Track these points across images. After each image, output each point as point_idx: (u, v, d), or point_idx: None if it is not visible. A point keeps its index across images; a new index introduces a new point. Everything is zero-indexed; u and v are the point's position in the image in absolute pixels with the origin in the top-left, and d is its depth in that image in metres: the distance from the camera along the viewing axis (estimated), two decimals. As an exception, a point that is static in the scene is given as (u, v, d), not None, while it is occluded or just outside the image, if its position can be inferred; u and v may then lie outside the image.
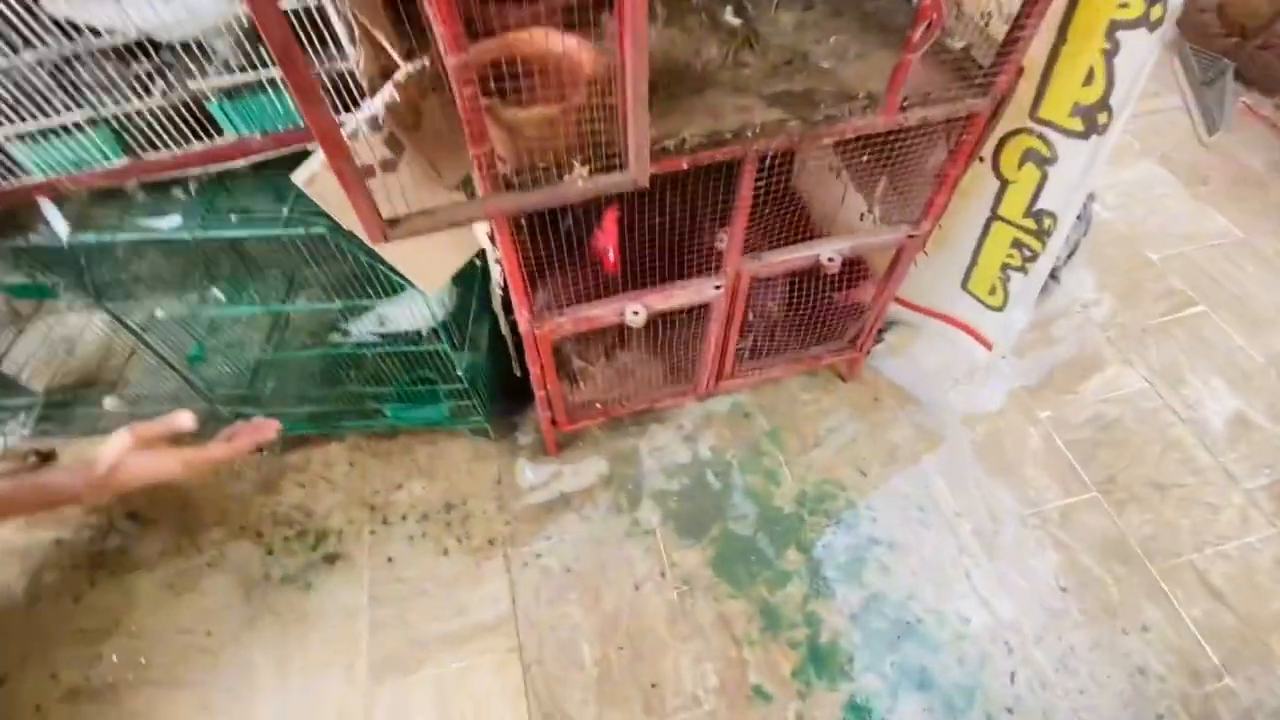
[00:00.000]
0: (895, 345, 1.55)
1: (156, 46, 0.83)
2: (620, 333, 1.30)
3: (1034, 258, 1.13)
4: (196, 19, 0.81)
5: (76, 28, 0.79)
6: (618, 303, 1.00)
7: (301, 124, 0.86)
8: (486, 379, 1.36)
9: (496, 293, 1.13)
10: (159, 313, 1.03)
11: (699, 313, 1.13)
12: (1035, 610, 1.21)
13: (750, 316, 1.21)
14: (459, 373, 1.20)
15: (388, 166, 0.81)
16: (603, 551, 1.28)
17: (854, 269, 1.25)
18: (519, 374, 1.31)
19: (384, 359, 1.25)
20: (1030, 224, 1.11)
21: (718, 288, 1.04)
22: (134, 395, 1.40)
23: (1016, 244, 1.15)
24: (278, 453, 1.43)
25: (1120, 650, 1.16)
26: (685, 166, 0.80)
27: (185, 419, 0.70)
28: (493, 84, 0.70)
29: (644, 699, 1.12)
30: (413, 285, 0.95)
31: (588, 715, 1.11)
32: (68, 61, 0.80)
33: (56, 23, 0.78)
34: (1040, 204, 1.08)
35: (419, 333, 1.19)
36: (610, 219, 1.02)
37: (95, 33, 0.78)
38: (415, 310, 1.20)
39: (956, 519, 1.32)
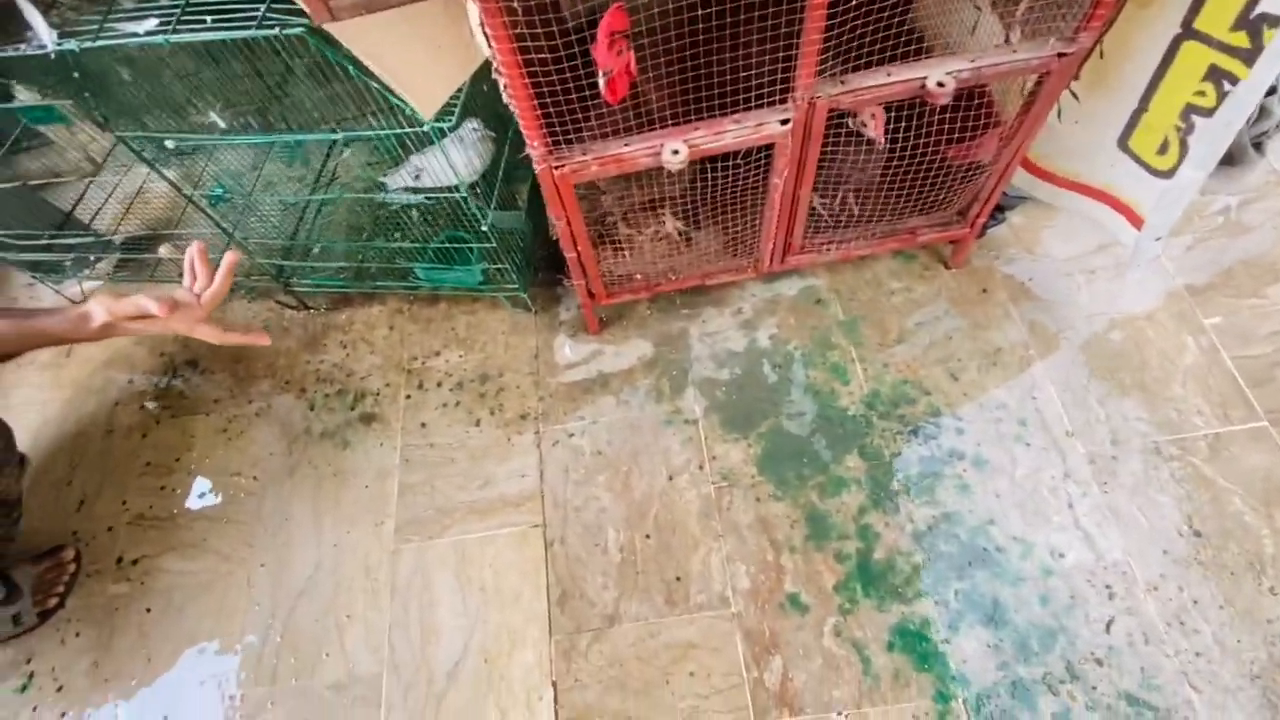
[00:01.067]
0: (1018, 227, 1.26)
1: None
2: (663, 187, 1.11)
3: (1232, 93, 0.81)
4: None
5: None
6: (654, 139, 0.82)
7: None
8: (524, 242, 1.24)
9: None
10: (168, 143, 0.97)
11: (761, 160, 0.92)
12: (1152, 553, 0.99)
13: (828, 169, 0.98)
14: (485, 229, 1.07)
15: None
16: (637, 437, 1.17)
17: (974, 111, 0.97)
18: (555, 237, 1.17)
19: (409, 212, 1.15)
20: (1240, 40, 0.78)
21: (784, 122, 0.82)
22: (187, 243, 1.41)
23: (1213, 73, 0.82)
24: (323, 310, 1.41)
25: (1260, 613, 0.94)
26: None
27: (150, 305, 0.77)
28: None
29: (667, 591, 1.04)
30: (407, 106, 0.81)
31: (606, 599, 1.05)
32: None
33: None
34: (1262, 6, 0.75)
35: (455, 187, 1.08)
36: (605, 26, 0.70)
37: None
38: (457, 159, 1.08)
39: (1067, 439, 1.09)
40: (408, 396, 1.28)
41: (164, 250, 1.37)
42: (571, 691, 0.99)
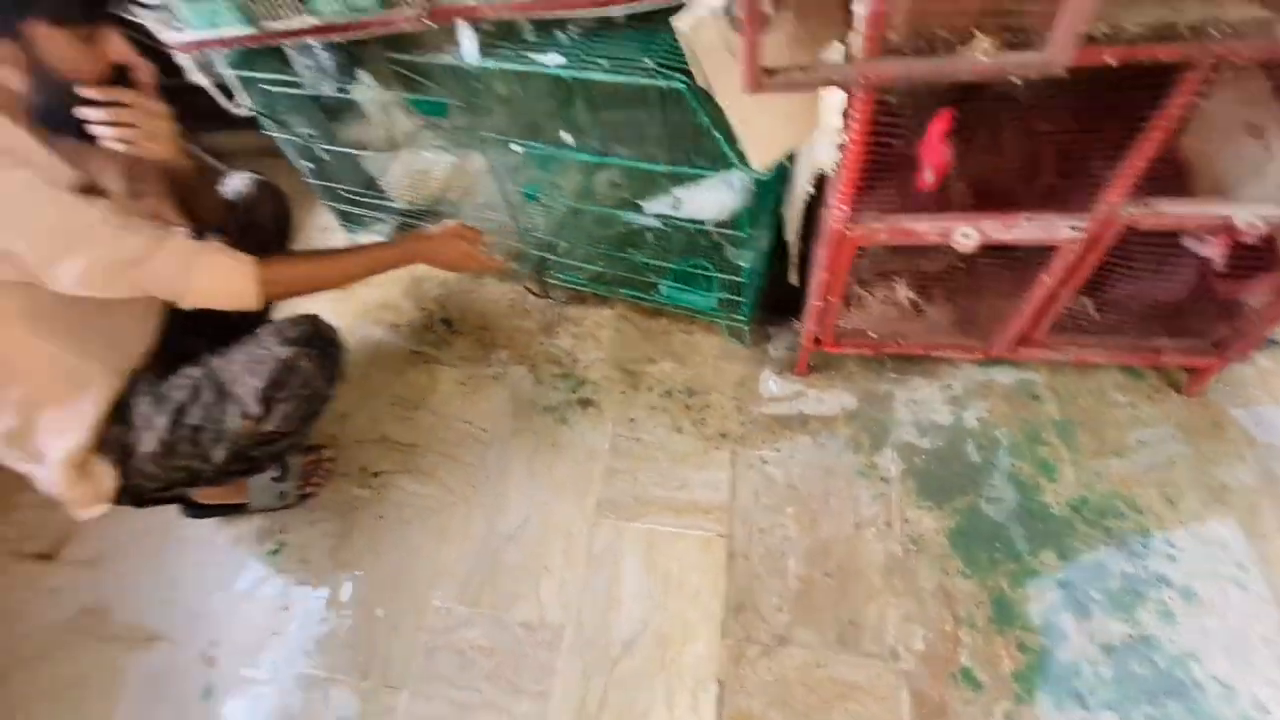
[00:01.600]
0: (1266, 370, 1.22)
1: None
2: (926, 261, 1.19)
3: None
4: None
5: None
6: (948, 220, 0.91)
7: (691, -23, 0.88)
8: (758, 282, 1.37)
9: (801, 189, 1.10)
10: (515, 146, 1.19)
11: (1035, 257, 0.99)
12: (1384, 744, 0.92)
13: (1100, 278, 1.03)
14: (739, 263, 1.21)
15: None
16: (830, 481, 1.25)
17: (1250, 252, 0.98)
18: (796, 283, 1.29)
19: (669, 236, 1.31)
20: None
21: (1075, 229, 0.89)
22: (476, 213, 1.67)
23: None
24: (561, 303, 1.61)
25: None
26: (1111, 62, 0.67)
27: None
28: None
29: (839, 630, 1.10)
30: (739, 160, 0.96)
31: (779, 620, 1.12)
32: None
33: None
34: None
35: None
36: (937, 128, 0.89)
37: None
38: (714, 199, 1.23)
39: (1293, 597, 1.04)
40: (622, 392, 1.44)
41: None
42: (737, 695, 1.06)
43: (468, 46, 1.02)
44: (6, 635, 1.34)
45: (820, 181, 1.05)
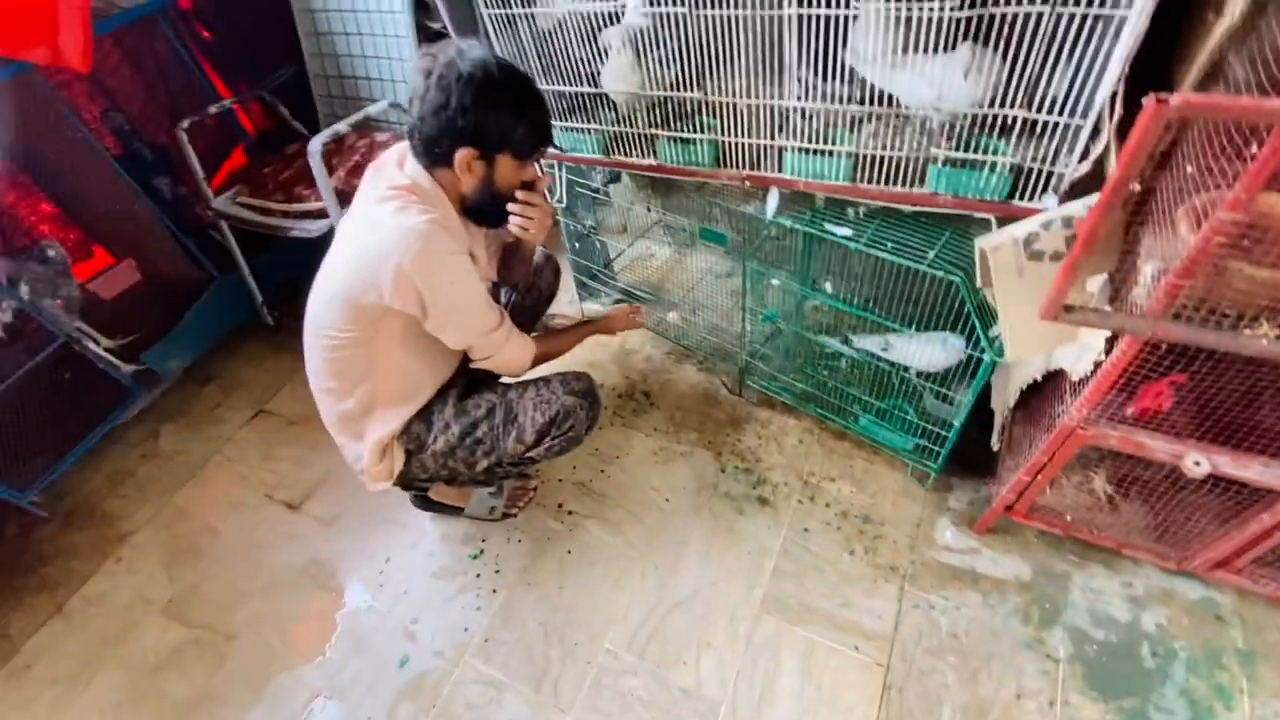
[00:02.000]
0: None
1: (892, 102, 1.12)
2: (1136, 463, 1.26)
3: None
4: (948, 102, 1.06)
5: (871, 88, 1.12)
6: (1182, 446, 1.01)
7: (990, 198, 1.06)
8: (951, 434, 1.47)
9: (1029, 374, 1.22)
10: (774, 281, 1.40)
11: (1258, 493, 1.05)
12: None
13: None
14: (939, 414, 1.33)
15: (1055, 258, 0.96)
16: (995, 644, 1.30)
17: None
18: (996, 448, 1.39)
19: (876, 372, 1.46)
20: None
21: (1316, 484, 0.95)
22: (691, 309, 1.91)
23: None
24: (751, 402, 1.79)
25: None
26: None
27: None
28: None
29: (987, 793, 1.14)
30: (990, 346, 1.11)
31: (927, 765, 1.18)
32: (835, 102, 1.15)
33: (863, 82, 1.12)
34: None
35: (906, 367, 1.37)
36: (1166, 384, 0.98)
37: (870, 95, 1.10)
38: (925, 352, 1.38)
39: None
40: (799, 501, 1.57)
41: (672, 316, 1.88)
42: (877, 822, 1.13)
43: (771, 205, 1.26)
44: (253, 564, 1.64)
45: (1052, 374, 1.17)
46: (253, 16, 2.10)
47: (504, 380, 1.42)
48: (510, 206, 1.17)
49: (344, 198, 1.80)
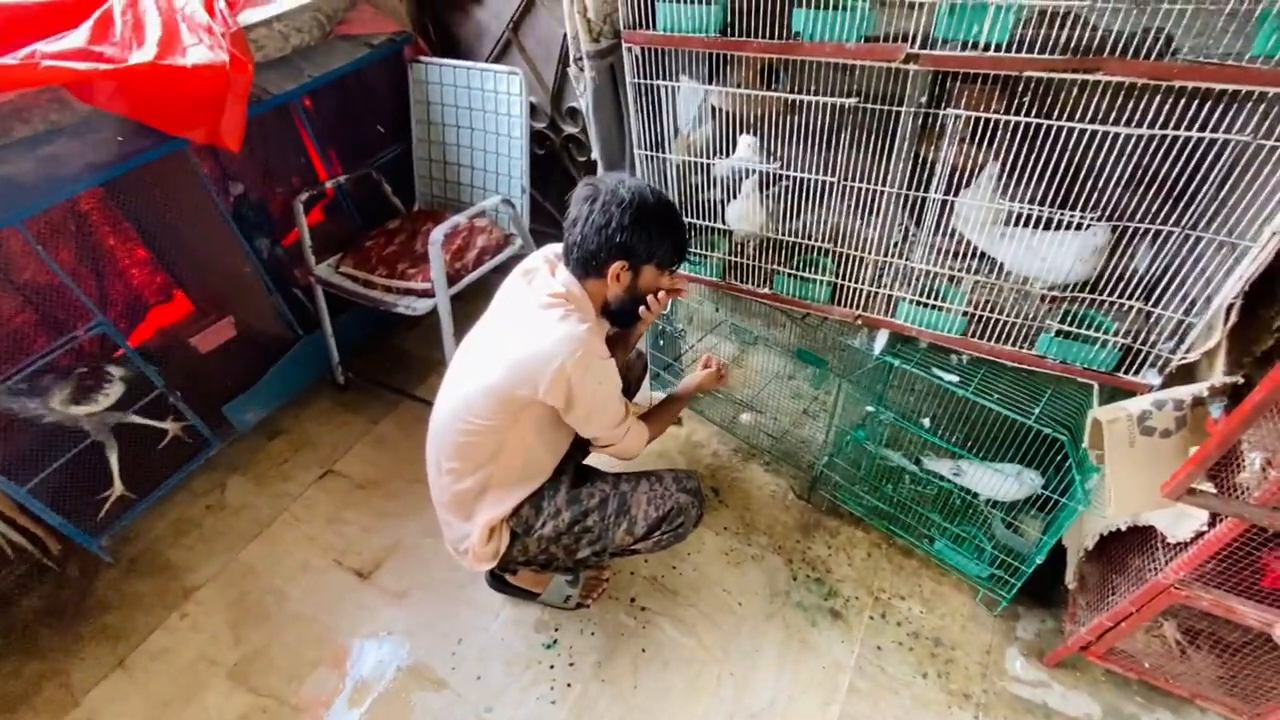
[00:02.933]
0: None
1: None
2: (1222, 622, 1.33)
3: None
4: (1054, 274, 1.19)
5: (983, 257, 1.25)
6: (1273, 614, 1.08)
7: (1097, 369, 1.17)
8: (1023, 565, 1.54)
9: (1113, 522, 1.31)
10: (869, 407, 1.50)
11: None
12: None
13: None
14: (1027, 553, 1.41)
15: (1164, 434, 1.07)
16: (1070, 784, 1.34)
17: None
18: (1072, 586, 1.46)
19: (951, 496, 1.54)
20: None
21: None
22: (769, 414, 1.99)
23: None
24: (821, 509, 1.85)
25: None
26: None
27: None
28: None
29: None
30: (1085, 498, 1.20)
31: None
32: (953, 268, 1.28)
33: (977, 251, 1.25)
34: None
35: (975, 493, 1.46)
36: None
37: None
38: (995, 482, 1.46)
39: None
40: (870, 618, 1.62)
41: (745, 418, 1.97)
42: None
43: (879, 344, 1.37)
44: (321, 632, 1.65)
45: (1140, 528, 1.25)
46: (367, 101, 2.25)
47: (614, 471, 1.48)
48: (649, 299, 1.33)
49: (448, 280, 1.90)
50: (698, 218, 1.52)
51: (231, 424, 2.05)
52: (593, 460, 1.60)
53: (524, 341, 1.20)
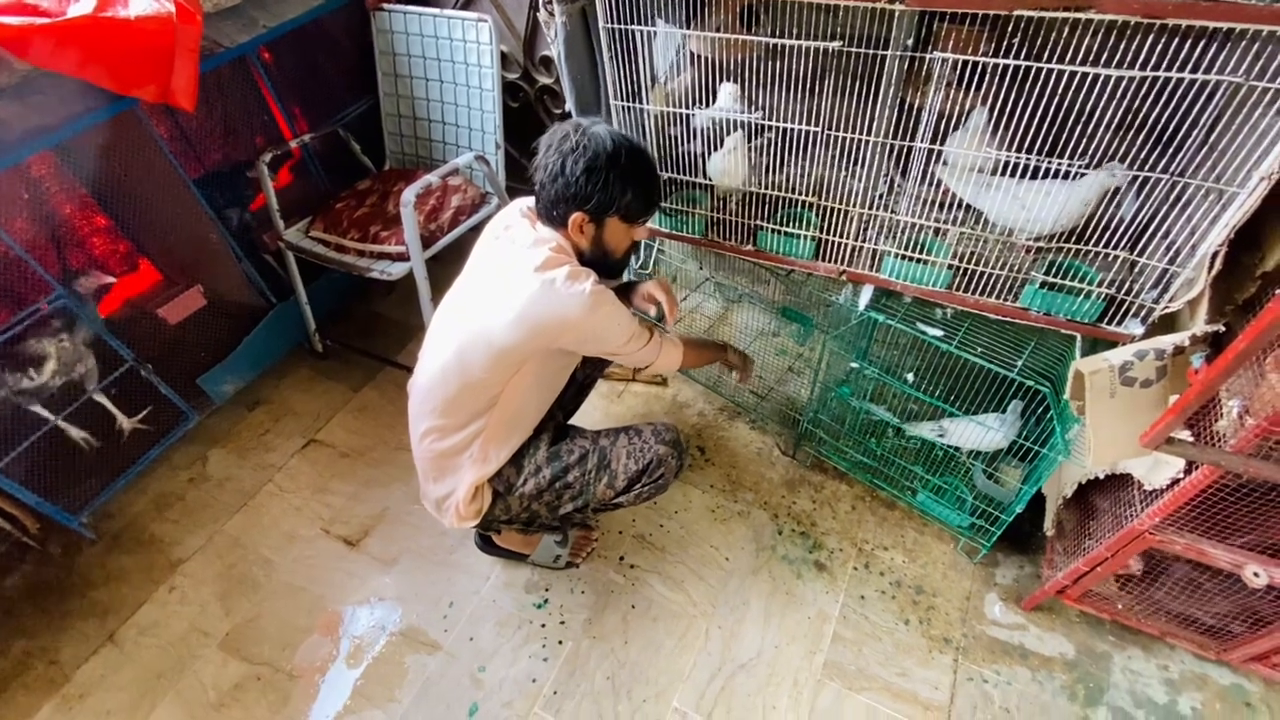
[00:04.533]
0: None
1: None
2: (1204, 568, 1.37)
3: None
4: (1039, 225, 1.17)
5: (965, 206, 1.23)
6: (1244, 557, 1.11)
7: (1080, 320, 1.16)
8: (1003, 514, 1.57)
9: (1089, 471, 1.33)
10: (854, 363, 1.49)
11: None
12: None
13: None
14: (1007, 502, 1.43)
15: (1145, 384, 1.07)
16: (1046, 719, 1.39)
17: None
18: (1051, 533, 1.49)
19: (928, 447, 1.55)
20: None
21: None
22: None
23: None
24: (804, 465, 1.87)
25: None
26: None
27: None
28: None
29: None
30: (1066, 450, 1.21)
31: (987, 837, 1.25)
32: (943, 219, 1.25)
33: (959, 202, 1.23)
34: None
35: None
36: None
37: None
38: (977, 434, 1.48)
39: None
40: (854, 568, 1.65)
41: (735, 376, 1.97)
42: None
43: (864, 299, 1.35)
44: (312, 601, 1.66)
45: (1118, 476, 1.27)
46: (329, 54, 2.14)
47: (594, 429, 1.47)
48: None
49: (423, 242, 1.84)
50: (678, 172, 1.47)
51: (209, 396, 2.01)
52: (577, 420, 1.59)
53: (530, 298, 1.15)
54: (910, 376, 1.47)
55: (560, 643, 1.55)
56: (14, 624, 1.64)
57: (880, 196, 1.30)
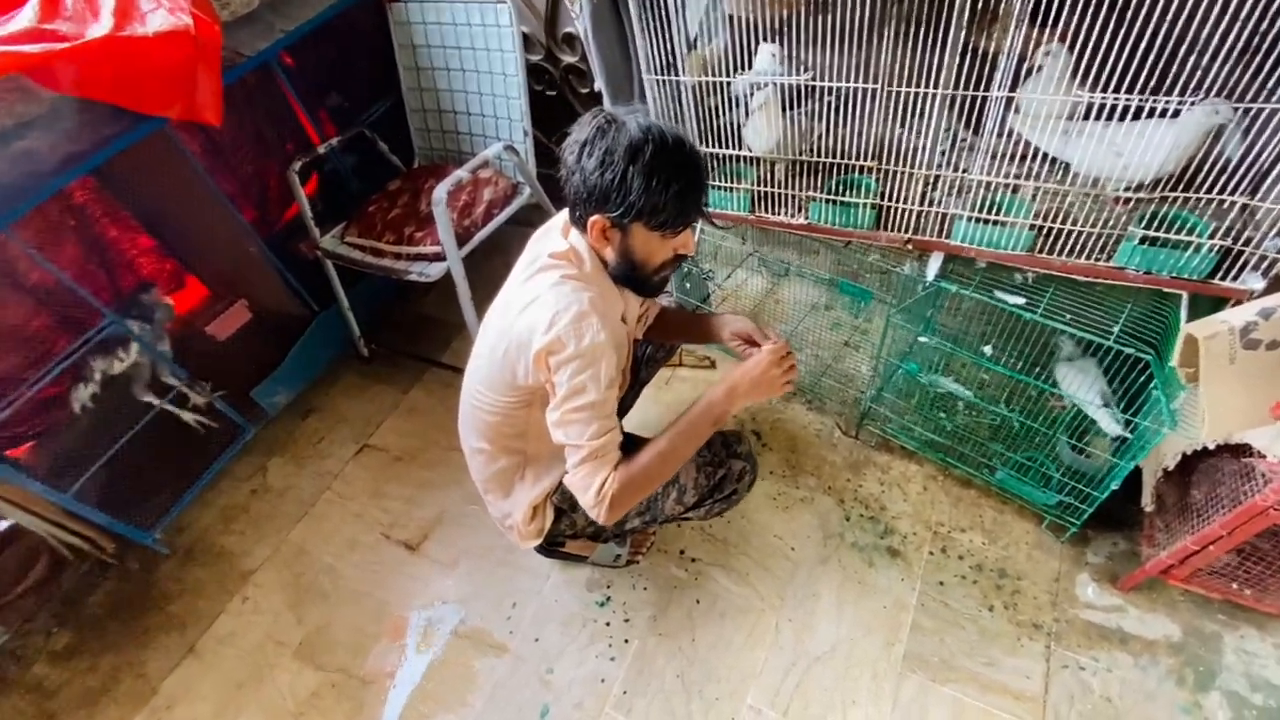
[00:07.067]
0: None
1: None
2: None
3: None
4: (1137, 172, 1.04)
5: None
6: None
7: (1189, 277, 1.04)
8: (1097, 490, 1.46)
9: (1197, 441, 1.20)
10: (923, 339, 1.39)
11: None
12: None
13: None
14: (1100, 477, 1.31)
15: (1272, 346, 0.94)
16: (1152, 707, 1.29)
17: None
18: (1150, 508, 1.37)
19: (1010, 426, 1.44)
20: None
21: None
22: (808, 350, 1.90)
23: None
24: (869, 445, 1.78)
25: None
26: None
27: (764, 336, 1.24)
28: None
29: None
30: (1171, 421, 1.09)
31: (1096, 836, 1.18)
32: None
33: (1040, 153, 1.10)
34: None
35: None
36: None
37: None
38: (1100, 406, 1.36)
39: None
40: (930, 553, 1.56)
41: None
42: None
43: (932, 268, 1.24)
44: (379, 606, 1.66)
45: (1230, 446, 1.15)
46: (349, 53, 2.09)
47: (641, 418, 1.41)
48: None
49: (458, 240, 1.80)
50: (719, 145, 1.38)
51: (262, 408, 2.03)
52: (634, 425, 1.53)
53: (510, 315, 1.09)
54: (989, 349, 1.35)
55: (626, 641, 1.52)
56: (101, 640, 1.71)
57: (945, 155, 1.18)
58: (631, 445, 1.36)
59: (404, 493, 1.90)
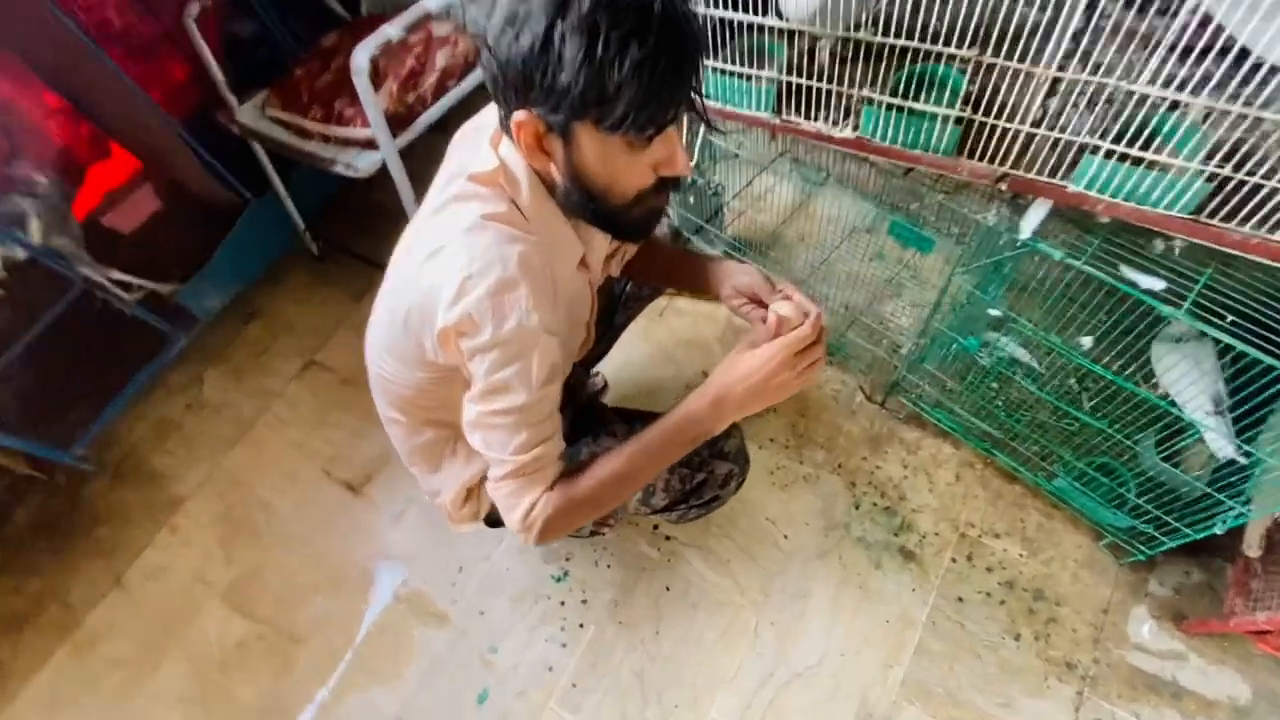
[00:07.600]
0: None
1: None
2: None
3: None
4: None
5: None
6: None
7: None
8: (1180, 508, 1.14)
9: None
10: (994, 310, 1.01)
11: None
12: None
13: None
14: (1217, 521, 0.99)
15: None
16: (1197, 783, 1.07)
17: None
18: (1254, 552, 1.06)
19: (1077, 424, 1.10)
20: None
21: None
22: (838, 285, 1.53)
23: None
24: (898, 417, 1.46)
25: None
26: None
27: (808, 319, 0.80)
28: None
29: None
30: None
31: None
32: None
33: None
34: None
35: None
36: None
37: None
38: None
39: None
40: (953, 560, 1.30)
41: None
42: None
43: (1031, 222, 0.84)
44: (315, 554, 1.48)
45: None
46: None
47: (628, 407, 1.11)
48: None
49: (398, 121, 1.40)
50: (733, 6, 0.92)
51: (190, 311, 1.75)
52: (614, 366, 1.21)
53: (413, 265, 0.75)
54: (1087, 341, 0.98)
55: (581, 626, 1.32)
56: (27, 560, 1.57)
57: (1078, 46, 0.75)
58: (597, 422, 1.06)
59: (350, 422, 1.66)
